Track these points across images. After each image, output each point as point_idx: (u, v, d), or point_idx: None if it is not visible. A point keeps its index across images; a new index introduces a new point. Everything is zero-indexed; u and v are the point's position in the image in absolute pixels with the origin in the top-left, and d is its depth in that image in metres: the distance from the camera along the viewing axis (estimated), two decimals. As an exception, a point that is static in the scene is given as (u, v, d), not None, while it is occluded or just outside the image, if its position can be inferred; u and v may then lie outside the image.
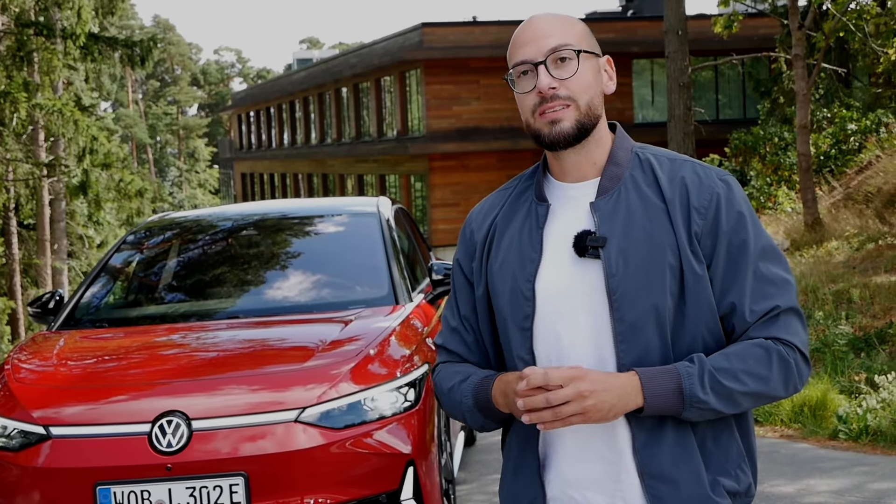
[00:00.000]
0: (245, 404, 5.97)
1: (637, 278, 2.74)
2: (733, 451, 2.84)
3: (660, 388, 2.69)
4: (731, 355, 2.74)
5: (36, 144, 26.56)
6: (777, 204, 22.27)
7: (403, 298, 7.29)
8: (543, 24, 2.86)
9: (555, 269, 2.84)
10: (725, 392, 2.71)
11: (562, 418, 2.65)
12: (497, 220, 2.99)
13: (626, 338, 2.75)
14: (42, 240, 27.61)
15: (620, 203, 2.81)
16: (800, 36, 19.00)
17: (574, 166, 2.89)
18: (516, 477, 2.93)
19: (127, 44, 23.96)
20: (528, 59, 2.83)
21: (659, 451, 2.76)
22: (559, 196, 2.91)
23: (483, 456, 9.22)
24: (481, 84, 36.54)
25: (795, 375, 2.79)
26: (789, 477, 8.17)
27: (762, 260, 2.80)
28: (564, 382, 2.63)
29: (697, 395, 2.69)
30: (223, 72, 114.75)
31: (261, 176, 60.27)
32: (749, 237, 2.80)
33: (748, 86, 37.26)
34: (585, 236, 2.80)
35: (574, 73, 2.81)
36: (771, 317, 2.78)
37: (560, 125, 2.81)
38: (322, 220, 8.40)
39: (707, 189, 2.81)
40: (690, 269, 2.76)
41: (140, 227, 8.53)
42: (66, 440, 5.90)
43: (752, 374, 2.73)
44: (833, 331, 11.95)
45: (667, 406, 2.70)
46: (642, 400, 2.69)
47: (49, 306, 7.64)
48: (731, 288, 2.78)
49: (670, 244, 2.76)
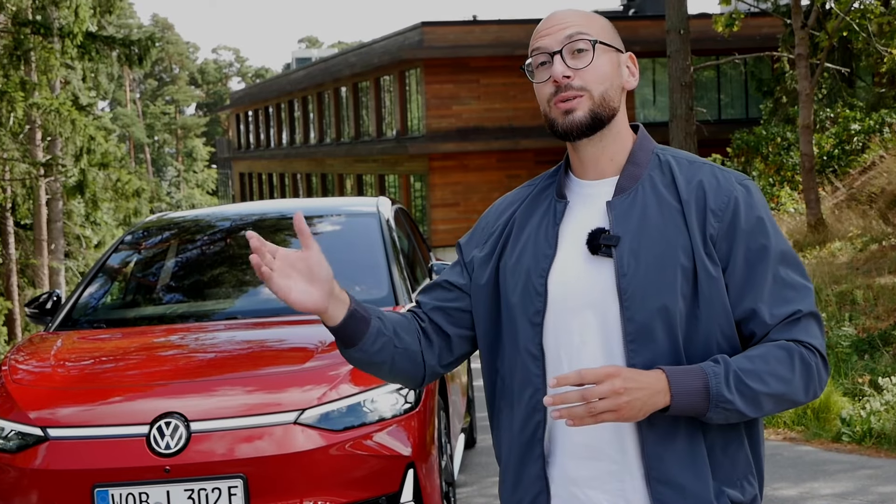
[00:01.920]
0: (244, 406, 5.98)
1: (648, 278, 2.74)
2: (741, 461, 2.82)
3: (687, 386, 2.66)
4: (753, 357, 2.72)
5: (33, 144, 26.49)
6: (780, 204, 22.22)
7: (403, 299, 7.27)
8: (564, 16, 2.88)
9: (568, 265, 2.84)
10: (750, 393, 2.69)
11: (594, 414, 2.60)
12: (516, 215, 3.00)
13: (635, 338, 2.73)
14: (39, 240, 27.54)
15: (636, 203, 2.81)
16: (803, 35, 18.95)
17: (592, 161, 2.89)
18: (520, 474, 2.92)
19: (125, 43, 23.90)
20: (545, 48, 2.84)
21: (667, 456, 2.74)
22: (578, 193, 2.92)
23: (483, 458, 9.19)
24: (481, 83, 36.50)
25: (816, 379, 2.79)
26: (792, 480, 8.15)
27: (782, 265, 2.79)
28: (599, 380, 2.60)
29: (724, 395, 2.66)
30: (221, 71, 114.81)
31: (259, 176, 60.26)
32: (769, 242, 2.79)
33: (750, 85, 37.24)
34: (599, 234, 2.79)
35: (589, 63, 2.82)
36: (792, 320, 2.77)
37: (574, 115, 2.81)
38: (321, 220, 8.37)
39: (725, 192, 2.80)
40: (704, 272, 2.74)
41: (138, 228, 8.51)
42: (64, 442, 5.90)
43: (775, 375, 2.71)
44: (836, 332, 11.91)
45: (692, 405, 2.67)
46: (669, 398, 2.66)
47: (46, 307, 7.62)
48: (750, 293, 2.77)
49: (683, 246, 2.75)
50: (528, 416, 2.87)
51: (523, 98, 36.26)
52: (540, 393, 2.83)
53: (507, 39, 36.32)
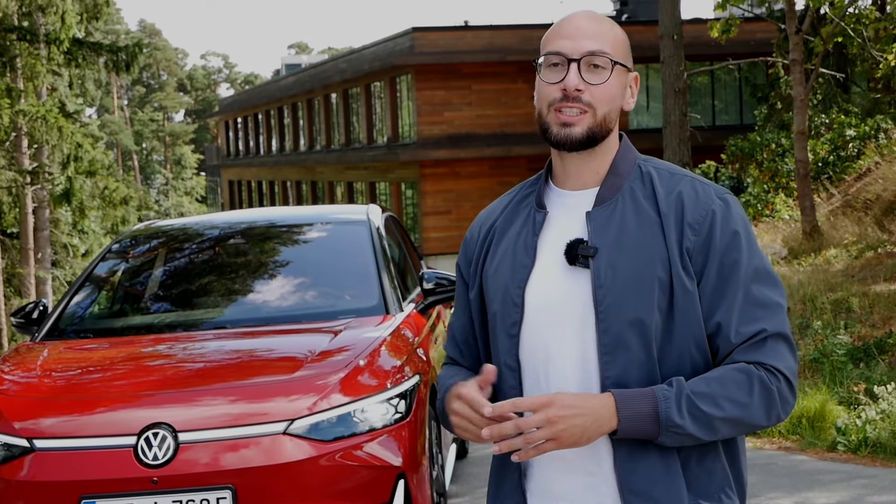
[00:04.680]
0: (232, 416, 5.97)
1: (624, 290, 2.73)
2: (718, 473, 2.80)
3: (635, 411, 2.66)
4: (710, 380, 2.70)
5: (19, 151, 26.39)
6: (774, 211, 22.23)
7: (394, 308, 7.25)
8: (588, 24, 2.85)
9: (546, 276, 2.83)
10: (703, 417, 2.67)
11: (534, 445, 2.63)
12: (497, 225, 3.00)
13: (610, 350, 2.73)
14: (25, 249, 27.43)
15: (616, 214, 2.81)
16: (797, 40, 18.94)
17: (576, 173, 2.89)
18: (499, 487, 2.93)
19: (112, 49, 23.89)
20: (563, 52, 2.81)
21: (640, 468, 2.73)
22: (558, 204, 2.91)
23: (475, 469, 9.13)
24: (473, 90, 36.50)
25: (778, 404, 2.74)
26: (787, 489, 8.11)
27: (754, 282, 2.77)
28: (534, 409, 2.61)
29: (673, 420, 2.65)
30: (210, 77, 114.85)
31: (248, 183, 60.24)
32: (742, 258, 2.76)
33: (745, 91, 37.33)
34: (577, 245, 2.79)
35: (604, 82, 2.80)
36: (757, 341, 2.73)
37: (571, 129, 2.80)
38: (311, 228, 8.34)
39: (703, 205, 2.79)
40: (680, 285, 2.73)
41: (125, 236, 8.49)
42: (50, 453, 5.89)
43: (731, 399, 2.69)
44: (831, 340, 11.87)
45: (642, 429, 2.67)
46: (616, 423, 2.66)
47: (33, 316, 7.62)
48: (719, 308, 2.75)
49: (661, 258, 2.74)
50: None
51: (515, 104, 36.27)
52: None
53: (499, 45, 36.33)
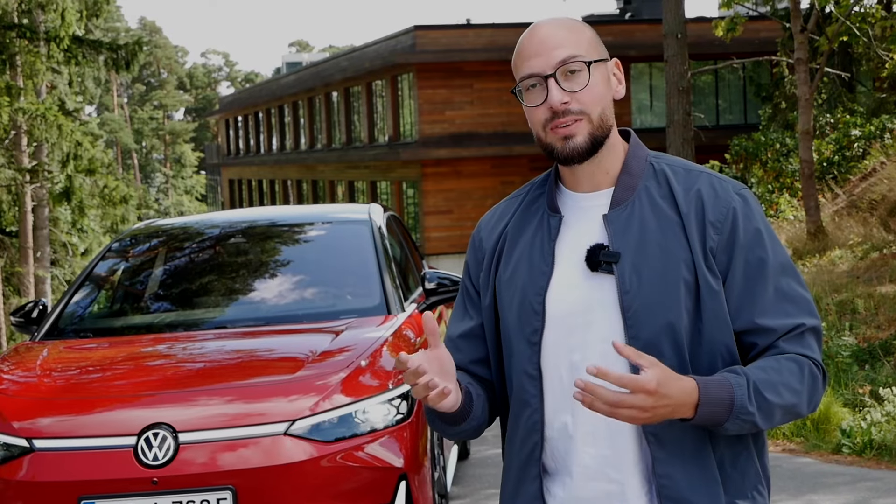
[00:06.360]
0: (233, 416, 5.96)
1: (651, 295, 2.70)
2: (751, 472, 2.79)
3: (715, 397, 2.61)
4: (767, 369, 2.68)
5: (18, 149, 26.36)
6: (779, 212, 22.15)
7: (396, 308, 7.22)
8: (550, 34, 2.79)
9: (567, 283, 2.79)
10: (766, 405, 2.65)
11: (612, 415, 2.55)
12: (508, 230, 2.94)
13: None
14: (24, 247, 27.39)
15: (634, 215, 2.77)
16: (802, 39, 18.88)
17: (587, 177, 2.84)
18: (518, 491, 2.88)
19: (112, 47, 23.86)
20: (536, 73, 2.77)
21: (678, 474, 2.70)
22: (572, 207, 2.86)
23: (477, 470, 9.08)
24: (475, 88, 36.43)
25: (819, 393, 2.77)
26: (792, 492, 8.09)
27: (783, 276, 2.76)
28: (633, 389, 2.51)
29: (746, 407, 2.62)
30: (210, 75, 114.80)
31: (249, 182, 60.22)
32: (767, 254, 2.76)
33: (749, 90, 37.27)
34: (598, 250, 2.75)
35: (585, 85, 2.75)
36: (797, 334, 2.74)
37: (574, 140, 2.75)
38: (312, 227, 8.32)
39: (723, 203, 2.76)
40: (706, 285, 2.71)
41: (125, 235, 8.47)
42: (50, 453, 5.89)
43: (788, 386, 2.68)
44: (836, 342, 11.84)
45: (714, 416, 2.62)
46: (693, 411, 2.60)
47: (32, 316, 7.61)
48: (750, 305, 2.73)
49: (685, 259, 2.72)
50: (526, 436, 2.84)
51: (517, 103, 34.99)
52: (537, 414, 2.80)
53: (501, 43, 36.23)
